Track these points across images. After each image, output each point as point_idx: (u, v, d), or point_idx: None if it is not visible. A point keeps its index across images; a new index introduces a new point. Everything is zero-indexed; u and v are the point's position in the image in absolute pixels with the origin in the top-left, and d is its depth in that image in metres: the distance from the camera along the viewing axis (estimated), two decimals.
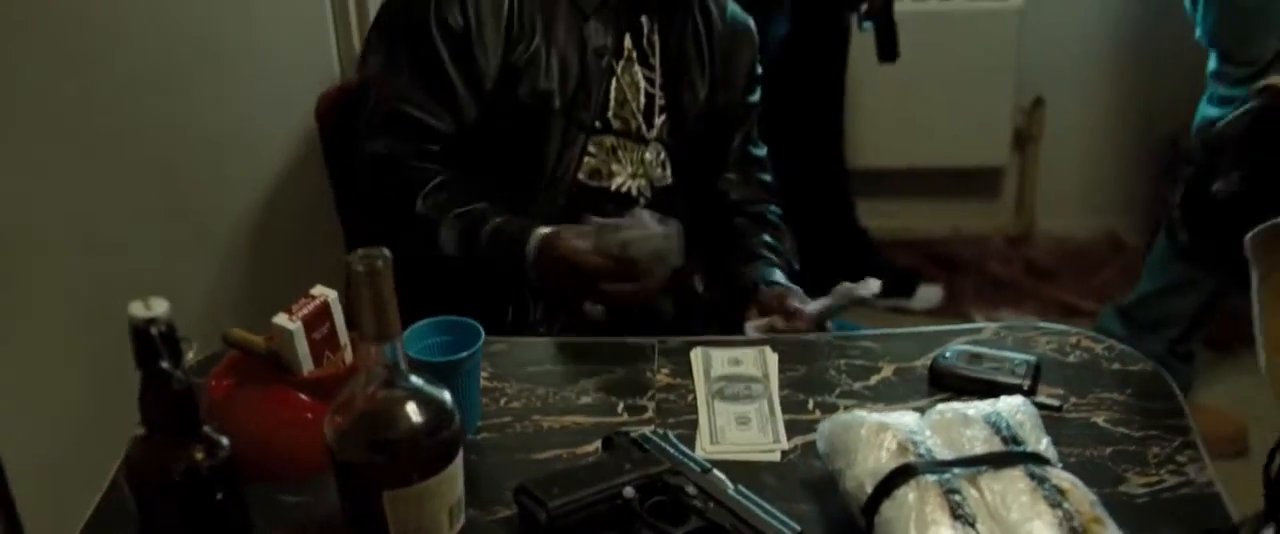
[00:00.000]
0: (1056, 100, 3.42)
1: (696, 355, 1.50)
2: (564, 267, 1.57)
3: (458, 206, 1.67)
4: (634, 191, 1.84)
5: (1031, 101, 3.42)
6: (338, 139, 1.96)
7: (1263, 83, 1.33)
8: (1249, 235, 1.33)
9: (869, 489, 1.16)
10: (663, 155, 1.87)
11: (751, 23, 1.95)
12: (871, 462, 1.19)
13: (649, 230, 1.54)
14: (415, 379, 1.10)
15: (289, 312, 1.29)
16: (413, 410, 1.09)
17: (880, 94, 3.27)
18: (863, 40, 2.91)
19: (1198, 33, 2.57)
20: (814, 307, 1.67)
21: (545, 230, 1.61)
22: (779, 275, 1.83)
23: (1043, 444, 1.23)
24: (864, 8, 2.75)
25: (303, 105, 2.01)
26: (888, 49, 2.77)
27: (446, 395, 1.12)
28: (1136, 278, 2.84)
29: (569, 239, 1.58)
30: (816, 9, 2.78)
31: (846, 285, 1.61)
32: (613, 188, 1.82)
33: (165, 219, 2.16)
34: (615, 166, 1.82)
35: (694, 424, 1.38)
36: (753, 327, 1.69)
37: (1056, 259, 3.46)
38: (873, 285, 1.59)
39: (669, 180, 1.88)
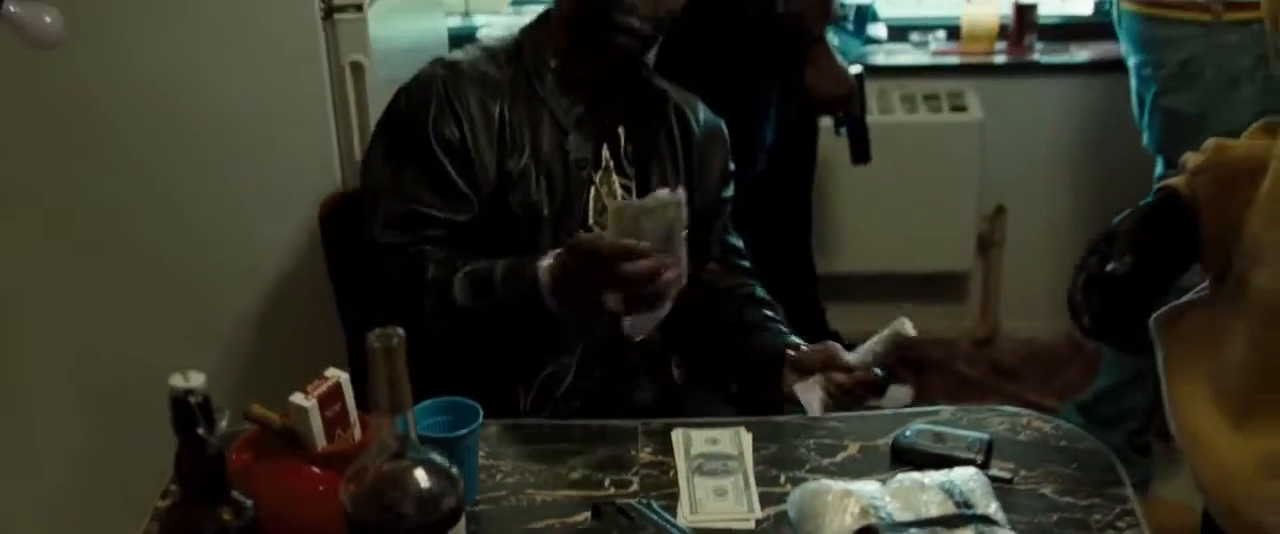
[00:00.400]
0: (1017, 208, 3.58)
1: (677, 435, 1.62)
2: (581, 260, 1.64)
3: (466, 266, 1.77)
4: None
5: (993, 209, 3.58)
6: (341, 241, 2.09)
7: (1163, 183, 1.48)
8: (1153, 317, 1.47)
9: None
10: None
11: (723, 125, 2.09)
12: (837, 524, 1.31)
13: (658, 199, 1.66)
14: (424, 448, 1.22)
15: (304, 391, 1.41)
16: (422, 476, 1.21)
17: (849, 202, 3.43)
18: (833, 149, 3.06)
19: (1145, 139, 2.74)
20: (862, 353, 1.78)
21: (554, 251, 1.72)
22: (796, 339, 1.93)
23: (992, 508, 1.35)
24: (841, 113, 2.89)
25: (305, 208, 2.15)
26: (861, 152, 2.91)
27: (452, 465, 1.23)
28: (1096, 377, 2.97)
29: (583, 234, 1.70)
30: (791, 119, 2.92)
31: (893, 325, 1.74)
32: None
33: (168, 313, 2.29)
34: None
35: (675, 496, 1.50)
36: (805, 387, 1.78)
37: (1020, 360, 3.59)
38: (908, 325, 1.72)
39: None
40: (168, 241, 2.25)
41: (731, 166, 2.10)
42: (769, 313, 2.03)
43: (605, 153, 1.94)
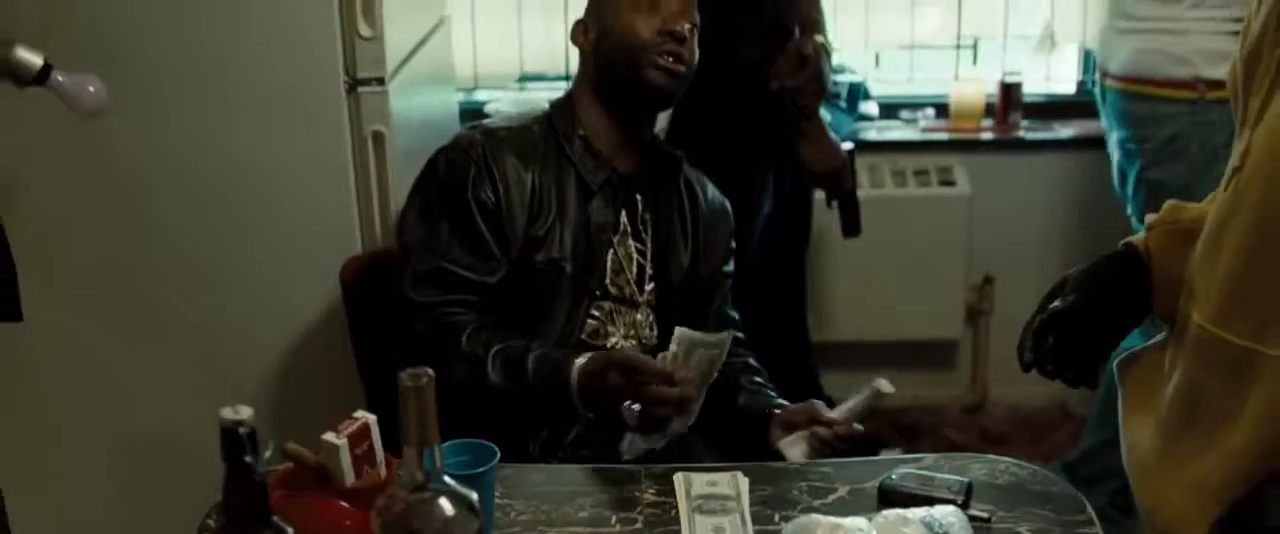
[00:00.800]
0: (1004, 278, 3.71)
1: (678, 478, 1.74)
2: (618, 369, 1.81)
3: (499, 344, 1.92)
4: (625, 348, 2.08)
5: (982, 279, 3.70)
6: (363, 302, 2.21)
7: (1126, 239, 1.60)
8: (1115, 361, 1.60)
9: None
10: (651, 317, 2.13)
11: (728, 205, 2.24)
12: None
13: (718, 339, 1.83)
14: (448, 480, 1.34)
15: (336, 430, 1.53)
16: (446, 505, 1.32)
17: (842, 271, 3.55)
18: (826, 220, 3.18)
19: (1129, 209, 2.88)
20: (843, 410, 1.93)
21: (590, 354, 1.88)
22: (781, 400, 2.08)
23: None
24: (832, 187, 2.94)
25: (328, 270, 2.27)
26: (851, 225, 3.01)
27: (474, 495, 1.35)
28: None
29: (625, 349, 1.87)
30: (787, 192, 3.04)
31: (872, 384, 1.89)
32: (608, 346, 2.07)
33: (197, 368, 2.40)
34: (611, 328, 2.08)
35: (677, 533, 1.62)
36: (789, 442, 1.95)
37: (1009, 426, 3.70)
38: (886, 384, 1.86)
39: (655, 340, 2.13)
40: (196, 300, 2.37)
41: (733, 244, 2.24)
42: (758, 379, 2.18)
43: (624, 218, 2.09)
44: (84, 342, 2.40)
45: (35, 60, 1.96)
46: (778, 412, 2.04)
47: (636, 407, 1.81)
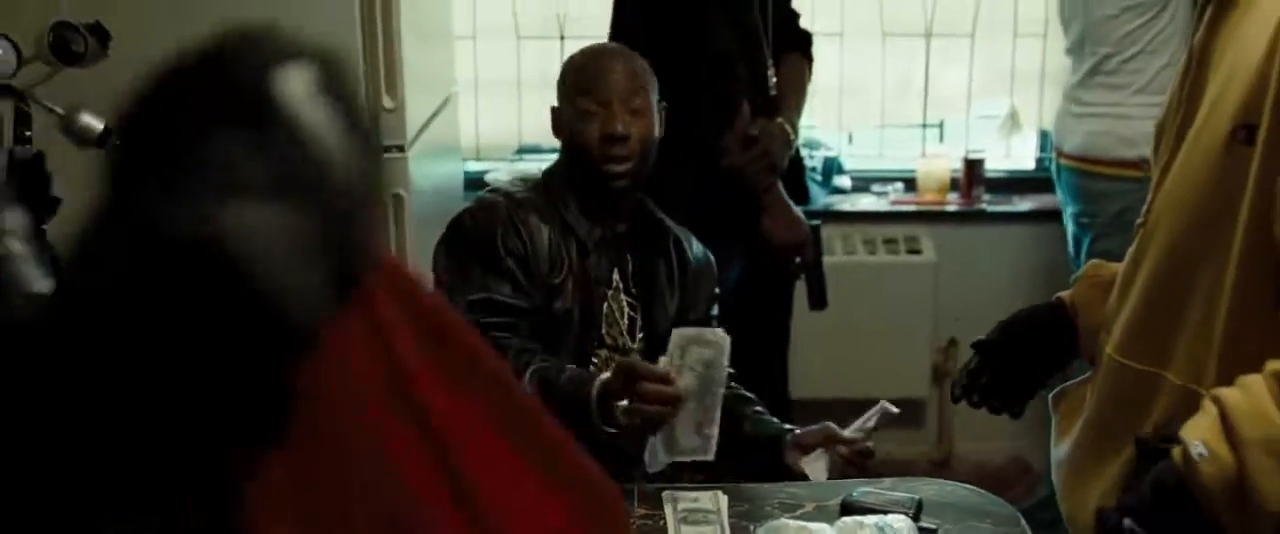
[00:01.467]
0: (968, 341, 3.92)
1: (666, 495, 1.98)
2: (619, 375, 2.00)
3: (538, 363, 2.09)
4: None
5: (947, 342, 3.95)
6: None
7: (1056, 294, 1.87)
8: (1051, 394, 1.85)
9: None
10: None
11: (712, 258, 2.47)
12: None
13: (713, 334, 2.08)
14: None
15: None
16: None
17: (815, 333, 3.77)
18: (798, 287, 3.42)
19: None
20: (855, 430, 2.18)
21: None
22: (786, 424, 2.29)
23: None
24: (797, 259, 3.11)
25: None
26: (817, 298, 3.19)
27: None
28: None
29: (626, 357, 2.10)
30: (761, 262, 3.25)
31: (879, 405, 2.17)
32: None
33: None
34: (606, 375, 2.30)
35: None
36: (811, 460, 2.16)
37: (974, 480, 3.90)
38: (892, 406, 2.15)
39: None
40: None
41: (716, 290, 2.48)
42: (758, 408, 2.38)
43: (616, 275, 2.32)
44: None
45: (96, 124, 2.21)
46: (793, 434, 2.24)
47: (624, 403, 1.98)
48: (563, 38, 3.81)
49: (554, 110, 2.34)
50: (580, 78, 2.26)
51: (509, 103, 3.88)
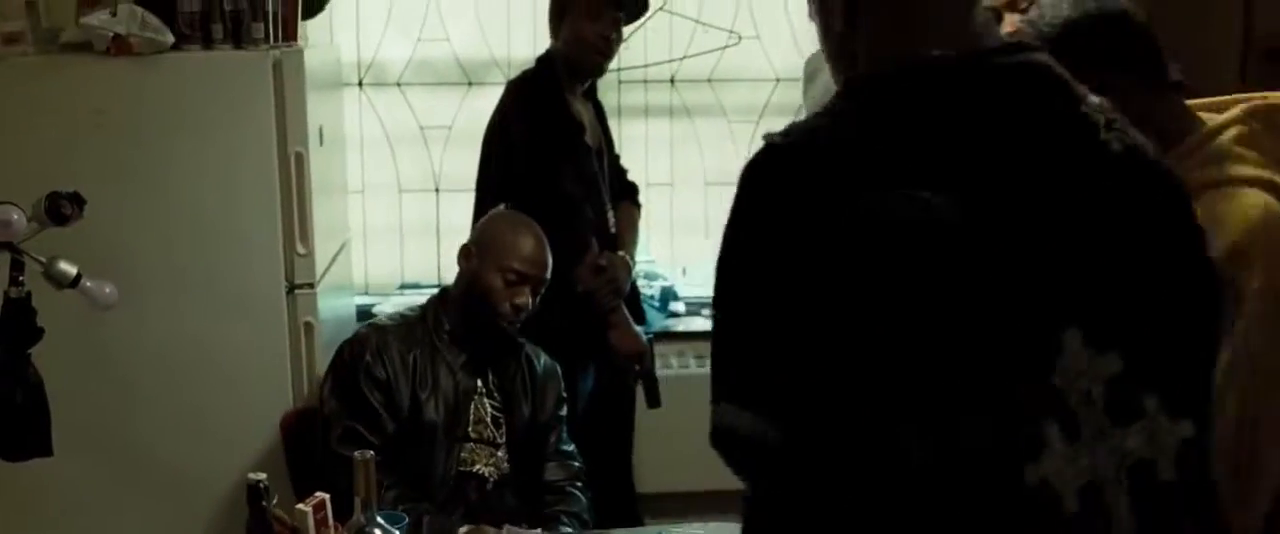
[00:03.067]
0: None
1: None
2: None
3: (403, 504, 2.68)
4: (488, 475, 2.93)
5: None
6: (295, 441, 3.06)
7: None
8: None
9: None
10: (503, 453, 2.99)
11: (557, 368, 3.10)
12: None
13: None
14: (380, 521, 2.21)
15: (304, 503, 2.37)
16: None
17: (656, 433, 4.32)
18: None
19: None
20: None
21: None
22: None
23: None
24: (636, 367, 3.66)
25: (270, 423, 3.11)
26: (653, 398, 3.70)
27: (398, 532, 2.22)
28: None
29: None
30: (613, 366, 3.68)
31: None
32: (474, 471, 2.91)
33: (172, 499, 3.20)
34: (477, 462, 2.89)
35: None
36: None
37: None
38: None
39: (509, 470, 2.99)
40: (171, 447, 3.19)
41: (563, 394, 3.10)
42: (572, 507, 2.97)
43: (480, 384, 2.94)
44: (73, 479, 3.18)
45: (71, 270, 2.78)
46: None
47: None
48: (438, 190, 4.48)
49: (466, 252, 2.94)
50: (507, 254, 2.90)
51: (392, 247, 4.52)
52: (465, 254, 2.99)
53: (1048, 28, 1.94)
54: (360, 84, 4.40)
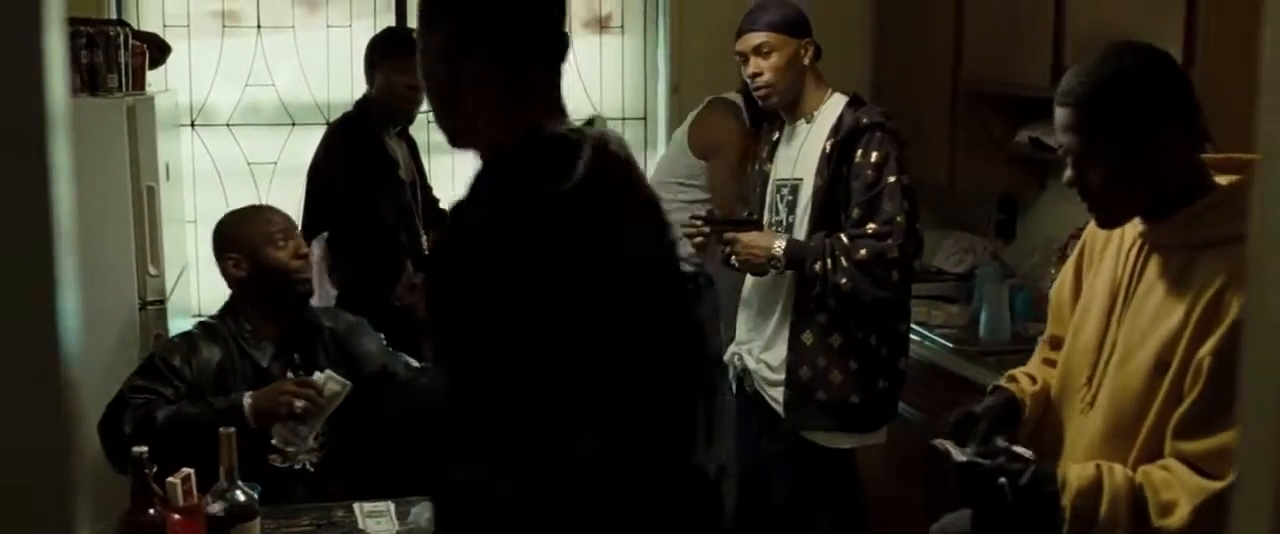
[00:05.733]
0: None
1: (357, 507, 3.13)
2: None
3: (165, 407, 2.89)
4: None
5: None
6: None
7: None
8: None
9: None
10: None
11: (363, 321, 3.27)
12: None
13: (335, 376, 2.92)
14: (240, 486, 2.72)
15: (173, 476, 2.86)
16: (240, 495, 2.68)
17: None
18: None
19: None
20: None
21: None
22: None
23: None
24: None
25: None
26: None
27: (255, 493, 2.73)
28: None
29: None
30: None
31: None
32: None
33: None
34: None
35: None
36: None
37: None
38: None
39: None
40: None
41: (383, 339, 3.24)
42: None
43: (289, 374, 3.02)
44: None
45: None
46: None
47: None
48: None
49: (232, 261, 3.05)
50: (263, 225, 3.06)
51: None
52: (232, 263, 3.09)
53: (1084, 78, 1.99)
54: (192, 125, 4.85)
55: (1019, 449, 2.12)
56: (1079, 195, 2.07)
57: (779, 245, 3.25)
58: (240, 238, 3.10)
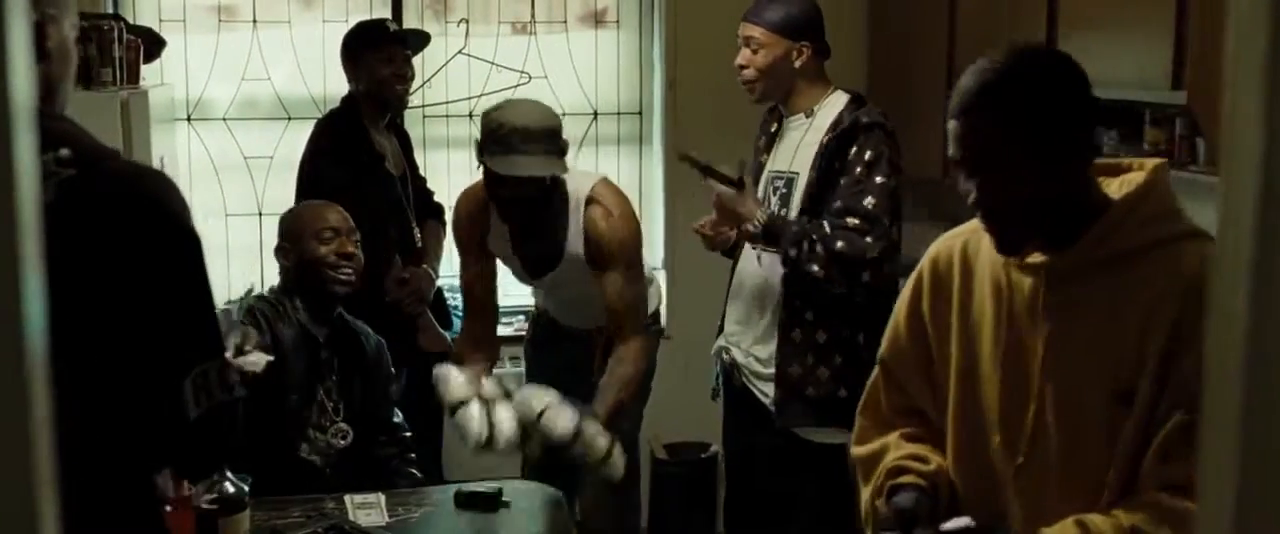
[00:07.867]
0: None
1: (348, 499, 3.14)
2: None
3: None
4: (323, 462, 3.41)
5: None
6: None
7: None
8: None
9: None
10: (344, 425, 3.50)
11: (384, 344, 3.56)
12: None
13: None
14: (230, 476, 2.73)
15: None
16: (228, 487, 2.70)
17: None
18: None
19: None
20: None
21: None
22: None
23: None
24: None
25: None
26: None
27: (245, 487, 2.74)
28: None
29: None
30: (422, 363, 4.00)
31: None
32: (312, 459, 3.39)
33: None
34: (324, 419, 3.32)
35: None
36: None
37: None
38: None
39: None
40: None
41: (392, 371, 3.54)
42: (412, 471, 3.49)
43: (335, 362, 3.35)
44: None
45: None
46: None
47: None
48: (260, 214, 4.95)
49: (282, 249, 3.30)
50: (315, 221, 3.29)
51: (220, 265, 4.94)
52: (282, 251, 3.34)
53: (982, 82, 1.85)
54: (189, 119, 4.86)
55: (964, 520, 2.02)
56: (982, 217, 1.91)
57: (760, 214, 3.24)
58: (293, 229, 3.36)
